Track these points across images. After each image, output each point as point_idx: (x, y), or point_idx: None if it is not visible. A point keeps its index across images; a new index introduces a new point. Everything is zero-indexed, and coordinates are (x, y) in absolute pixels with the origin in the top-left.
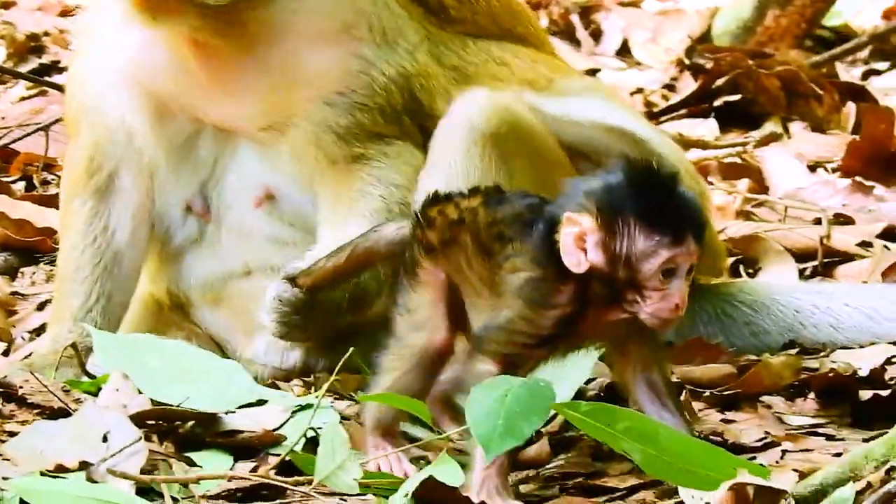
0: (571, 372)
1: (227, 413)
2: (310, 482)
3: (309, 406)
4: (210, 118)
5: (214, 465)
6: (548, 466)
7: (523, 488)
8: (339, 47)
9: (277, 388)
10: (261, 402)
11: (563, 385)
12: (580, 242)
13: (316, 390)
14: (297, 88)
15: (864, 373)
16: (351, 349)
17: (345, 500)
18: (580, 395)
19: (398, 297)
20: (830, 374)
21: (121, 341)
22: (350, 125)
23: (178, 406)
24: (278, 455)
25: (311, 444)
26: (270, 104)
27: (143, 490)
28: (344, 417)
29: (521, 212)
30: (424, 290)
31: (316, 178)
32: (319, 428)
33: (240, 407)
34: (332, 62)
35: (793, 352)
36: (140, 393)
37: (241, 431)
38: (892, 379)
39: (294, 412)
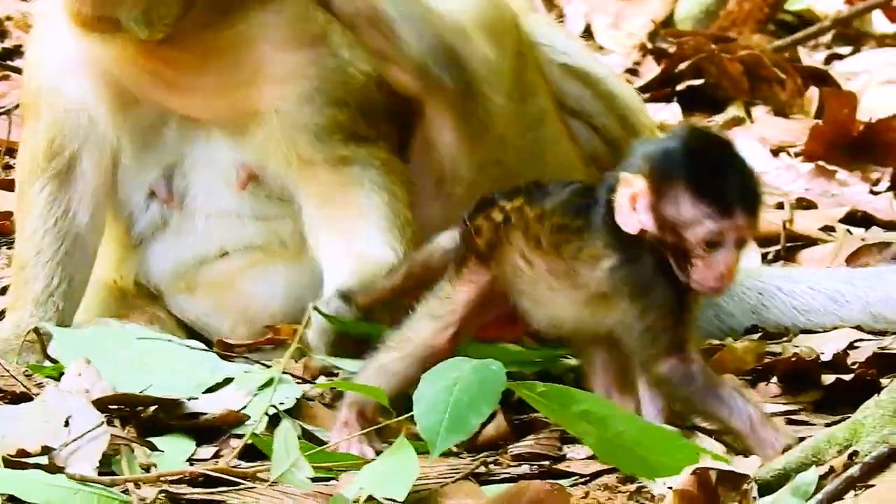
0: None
1: (189, 399)
2: (269, 469)
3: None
4: (175, 109)
5: (176, 450)
6: (514, 446)
7: (487, 468)
8: (314, 49)
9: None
10: (227, 381)
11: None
12: (633, 204)
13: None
14: (268, 86)
15: (827, 357)
16: (308, 316)
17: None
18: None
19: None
20: (794, 359)
21: (81, 336)
22: (327, 124)
23: (141, 392)
24: (242, 435)
25: (275, 422)
26: (239, 100)
27: (104, 474)
28: (308, 398)
29: (569, 198)
30: (462, 287)
31: (303, 182)
32: (282, 403)
33: (206, 390)
34: (305, 61)
35: (755, 336)
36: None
37: (204, 414)
38: (854, 363)
39: (257, 391)
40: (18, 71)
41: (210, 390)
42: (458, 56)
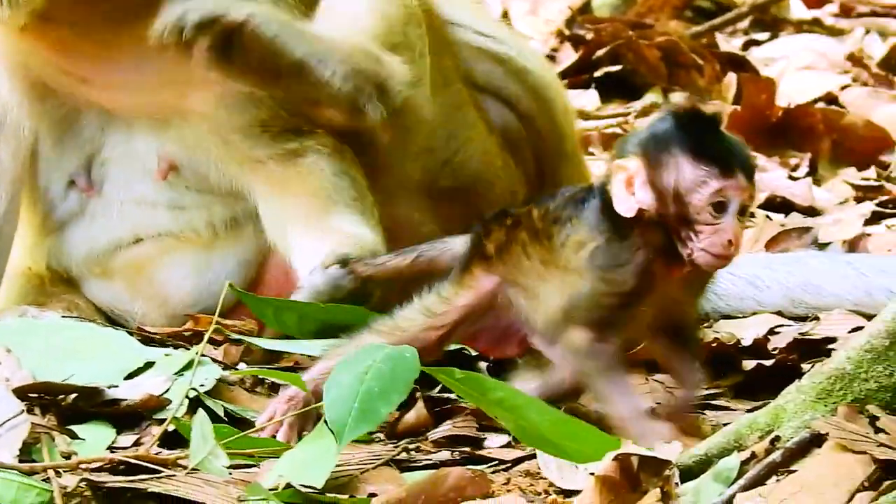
0: None
1: (110, 387)
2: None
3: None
4: (93, 102)
5: (97, 438)
6: (434, 432)
7: (408, 455)
8: None
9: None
10: (149, 366)
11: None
12: (629, 186)
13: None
14: (187, 86)
15: (748, 342)
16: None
17: (229, 473)
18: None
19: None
20: (714, 344)
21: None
22: (251, 122)
23: (62, 380)
24: (164, 420)
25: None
26: (158, 98)
27: (25, 462)
28: (229, 383)
29: (573, 194)
30: (464, 291)
31: (257, 181)
32: (202, 386)
33: (129, 375)
34: None
35: None
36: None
37: (124, 400)
38: (775, 349)
39: (177, 374)
40: None
41: (132, 375)
42: (379, 81)
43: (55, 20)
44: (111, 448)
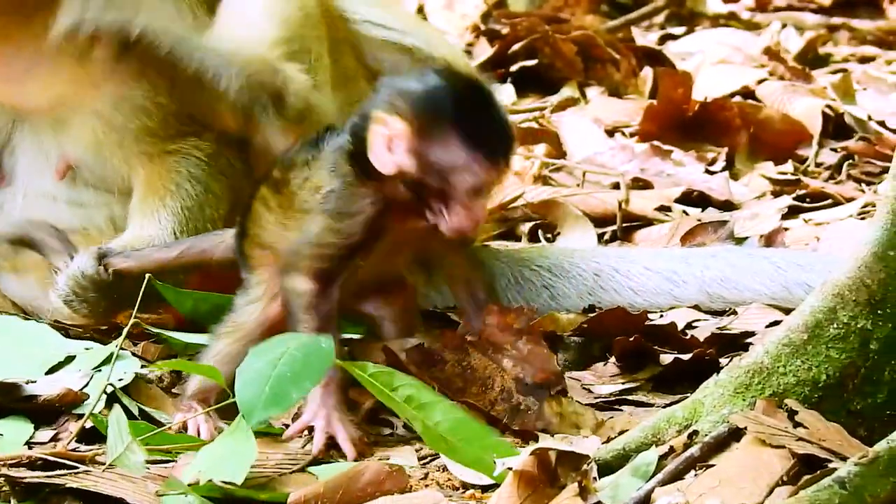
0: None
1: (28, 382)
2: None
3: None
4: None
5: (15, 433)
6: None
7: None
8: None
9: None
10: (70, 360)
11: None
12: (390, 143)
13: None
14: (82, 86)
15: (665, 336)
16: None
17: (147, 468)
18: None
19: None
20: (631, 339)
21: None
22: (141, 126)
23: None
24: (82, 415)
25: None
26: (55, 96)
27: None
28: (147, 381)
29: (312, 137)
30: (260, 271)
31: (133, 174)
32: (120, 380)
33: (51, 368)
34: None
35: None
36: None
37: (42, 395)
38: (693, 343)
39: (96, 369)
40: None
41: (54, 368)
42: (275, 91)
43: None
44: (29, 443)
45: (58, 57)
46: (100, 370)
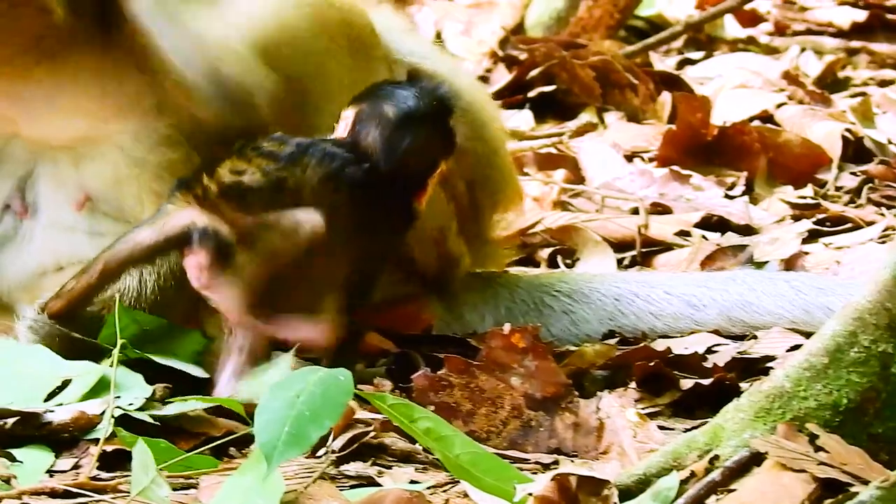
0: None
1: (45, 407)
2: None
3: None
4: (17, 129)
5: (36, 461)
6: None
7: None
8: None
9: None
10: (67, 383)
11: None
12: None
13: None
14: (105, 120)
15: (686, 362)
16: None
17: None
18: None
19: None
20: (651, 364)
21: None
22: (163, 161)
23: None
24: (98, 439)
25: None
26: (75, 131)
27: None
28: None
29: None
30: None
31: (147, 199)
32: (130, 405)
33: (52, 393)
34: (139, 96)
35: (612, 341)
36: None
37: (54, 422)
38: (713, 367)
39: (95, 392)
40: None
41: (54, 393)
42: (242, 92)
43: None
44: (50, 472)
45: (72, 89)
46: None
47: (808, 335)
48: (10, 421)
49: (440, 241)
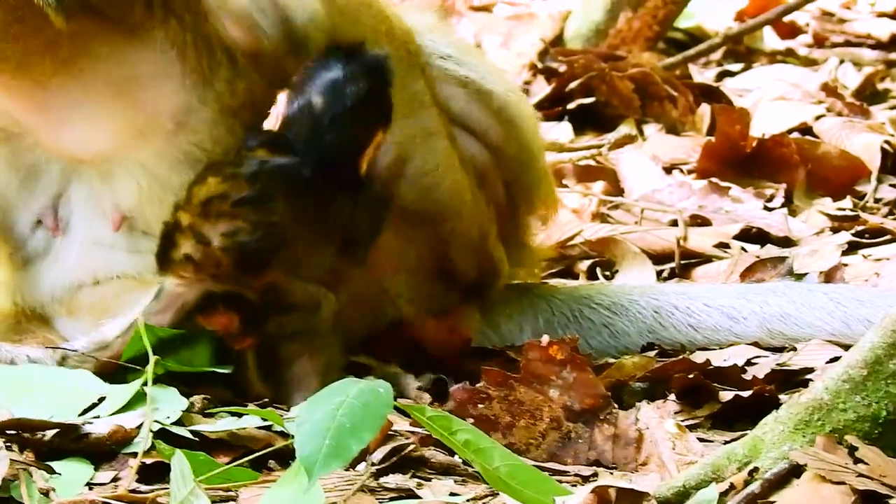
0: None
1: (84, 419)
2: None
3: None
4: (49, 146)
5: (75, 474)
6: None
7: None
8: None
9: None
10: (102, 399)
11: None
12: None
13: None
14: (127, 132)
15: (725, 374)
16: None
17: None
18: None
19: None
20: (691, 376)
21: None
22: (185, 178)
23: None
24: (136, 452)
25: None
26: (100, 141)
27: (3, 501)
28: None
29: None
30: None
31: None
32: (168, 418)
33: (88, 407)
34: (167, 118)
35: (651, 354)
36: None
37: (92, 434)
38: (752, 379)
39: (132, 406)
40: None
41: (91, 408)
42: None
43: None
44: (89, 484)
45: (99, 101)
46: (136, 408)
47: (847, 347)
48: (49, 433)
49: (481, 245)
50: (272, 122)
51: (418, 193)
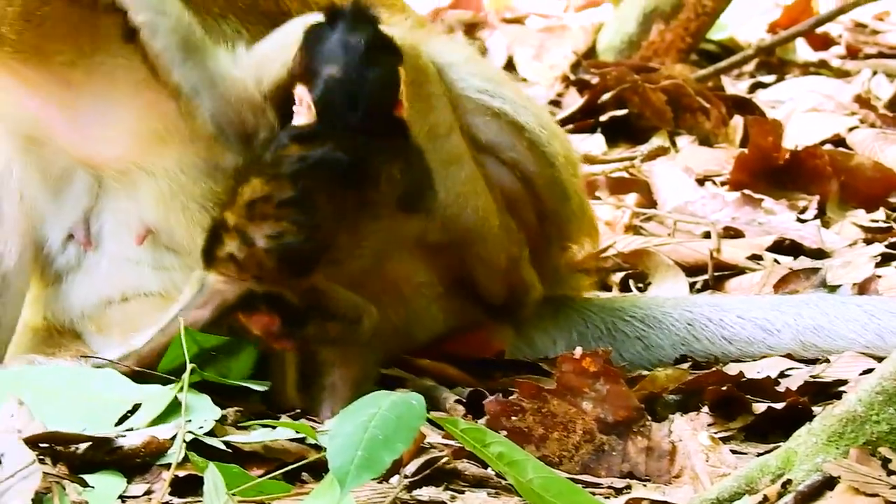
0: None
1: (117, 431)
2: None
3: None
4: (75, 154)
5: (107, 487)
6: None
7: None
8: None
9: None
10: (137, 407)
11: None
12: None
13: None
14: (149, 143)
15: (758, 386)
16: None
17: None
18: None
19: None
20: (724, 388)
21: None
22: (205, 189)
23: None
24: (169, 464)
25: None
26: (123, 148)
27: None
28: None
29: None
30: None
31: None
32: (200, 428)
33: (123, 417)
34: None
35: (685, 366)
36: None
37: (126, 446)
38: (786, 391)
39: (165, 416)
40: None
41: (124, 417)
42: (245, 131)
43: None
44: (122, 497)
45: (119, 102)
46: (177, 416)
47: (880, 359)
48: (83, 446)
49: (510, 270)
50: (303, 117)
51: (443, 222)
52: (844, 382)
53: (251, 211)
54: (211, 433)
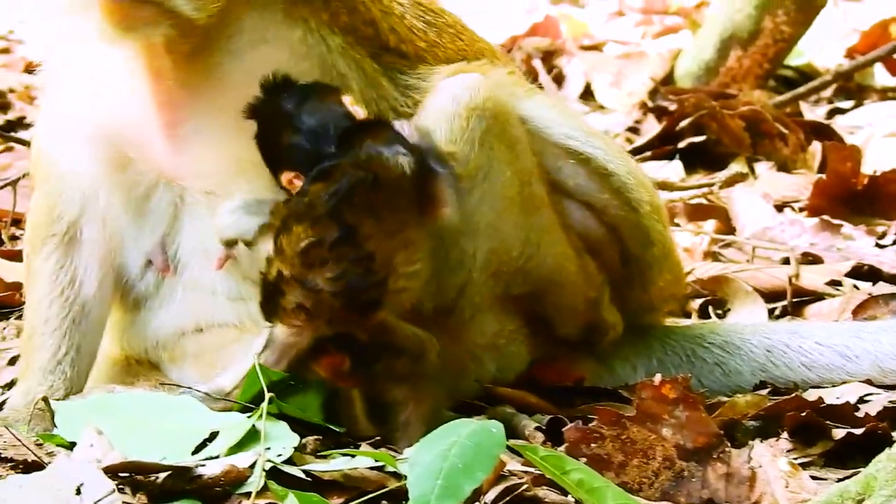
0: None
1: (196, 461)
2: None
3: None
4: (164, 169)
5: None
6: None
7: None
8: None
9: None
10: (214, 435)
11: None
12: None
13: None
14: (239, 163)
15: (838, 412)
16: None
17: None
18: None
19: None
20: (803, 414)
21: (78, 408)
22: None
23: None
24: (249, 493)
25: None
26: (211, 169)
27: None
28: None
29: None
30: None
31: None
32: (279, 455)
33: (201, 444)
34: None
35: (764, 392)
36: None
37: (205, 475)
38: (865, 417)
39: (243, 444)
40: (22, 142)
41: (202, 446)
42: None
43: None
44: None
45: (221, 130)
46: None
47: None
48: (162, 476)
49: (588, 311)
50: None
51: (524, 271)
52: None
53: (306, 258)
54: (290, 461)
